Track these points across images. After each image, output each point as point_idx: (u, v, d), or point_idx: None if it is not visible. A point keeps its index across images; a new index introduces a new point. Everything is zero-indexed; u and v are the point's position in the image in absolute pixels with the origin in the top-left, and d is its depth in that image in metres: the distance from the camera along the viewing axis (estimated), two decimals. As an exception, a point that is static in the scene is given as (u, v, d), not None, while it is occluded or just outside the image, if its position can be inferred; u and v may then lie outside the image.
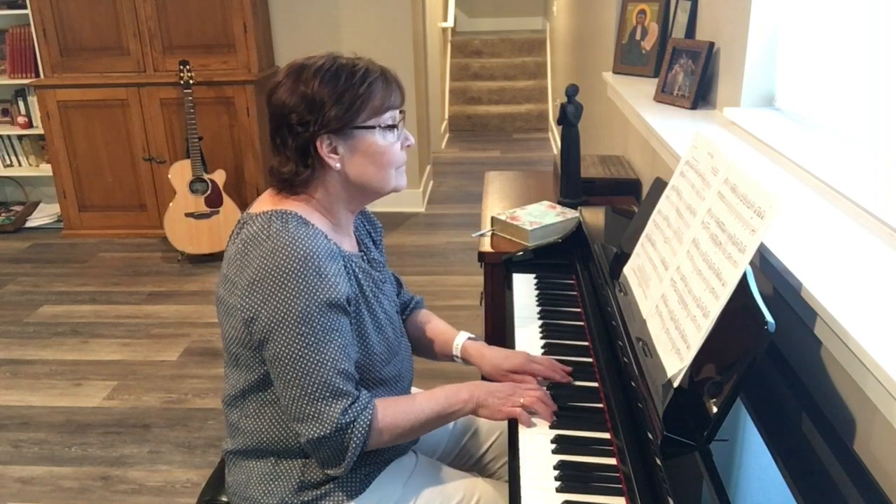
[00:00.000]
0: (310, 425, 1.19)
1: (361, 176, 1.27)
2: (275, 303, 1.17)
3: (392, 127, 1.27)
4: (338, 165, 1.25)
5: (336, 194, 1.29)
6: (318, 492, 1.30)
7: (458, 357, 1.51)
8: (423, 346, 1.57)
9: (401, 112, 1.31)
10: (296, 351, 1.18)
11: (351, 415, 1.19)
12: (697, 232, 1.18)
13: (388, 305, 1.39)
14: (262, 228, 1.21)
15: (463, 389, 1.32)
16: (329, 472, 1.25)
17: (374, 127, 1.25)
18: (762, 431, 1.02)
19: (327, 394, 1.18)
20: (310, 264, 1.17)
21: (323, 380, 1.18)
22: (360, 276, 1.31)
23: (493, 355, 1.45)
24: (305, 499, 1.30)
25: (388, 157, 1.28)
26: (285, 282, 1.17)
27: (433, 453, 1.54)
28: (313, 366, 1.18)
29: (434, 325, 1.57)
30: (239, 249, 1.23)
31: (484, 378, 1.46)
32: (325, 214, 1.30)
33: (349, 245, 1.36)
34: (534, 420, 1.28)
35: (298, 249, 1.17)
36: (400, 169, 1.32)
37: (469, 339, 1.51)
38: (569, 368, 1.40)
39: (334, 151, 1.24)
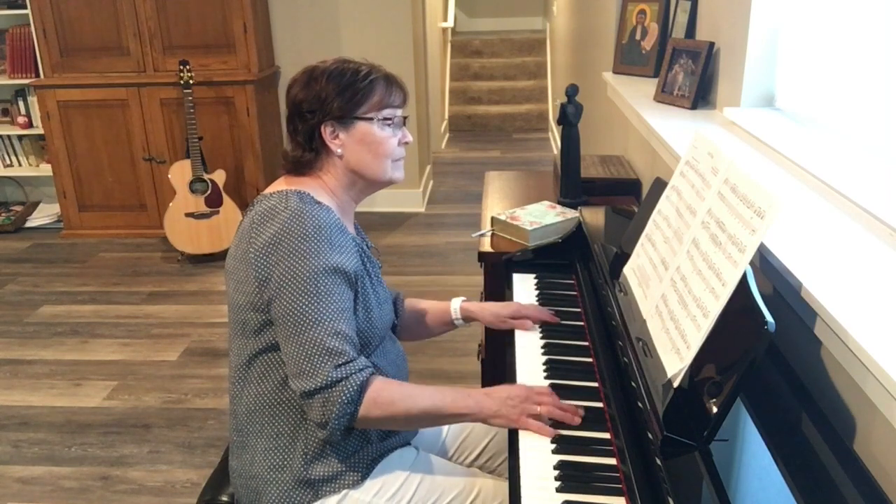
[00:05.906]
0: (303, 380, 1.23)
1: (359, 163, 1.39)
2: (287, 263, 1.26)
3: (388, 121, 1.39)
4: (339, 150, 1.38)
5: (340, 178, 1.40)
6: (320, 476, 1.32)
7: (458, 319, 1.66)
8: (418, 327, 1.68)
9: (404, 116, 1.43)
10: (299, 307, 1.25)
11: (343, 372, 1.23)
12: (697, 232, 1.18)
13: (383, 293, 1.45)
14: (279, 202, 1.31)
15: (471, 396, 1.30)
16: (320, 435, 1.28)
17: (371, 118, 1.38)
18: (762, 431, 1.02)
19: (323, 350, 1.23)
20: (323, 233, 1.28)
21: (320, 336, 1.23)
22: (363, 256, 1.40)
23: (490, 306, 1.64)
24: (310, 475, 1.32)
25: (385, 147, 1.39)
26: (299, 245, 1.26)
27: (433, 448, 1.55)
28: (312, 322, 1.24)
29: (423, 303, 1.69)
30: (254, 221, 1.32)
31: (486, 328, 1.53)
32: (332, 195, 1.41)
33: (352, 230, 1.45)
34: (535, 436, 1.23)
35: (314, 220, 1.28)
36: (397, 162, 1.43)
37: (463, 300, 1.67)
38: (555, 319, 1.58)
39: (336, 137, 1.37)
